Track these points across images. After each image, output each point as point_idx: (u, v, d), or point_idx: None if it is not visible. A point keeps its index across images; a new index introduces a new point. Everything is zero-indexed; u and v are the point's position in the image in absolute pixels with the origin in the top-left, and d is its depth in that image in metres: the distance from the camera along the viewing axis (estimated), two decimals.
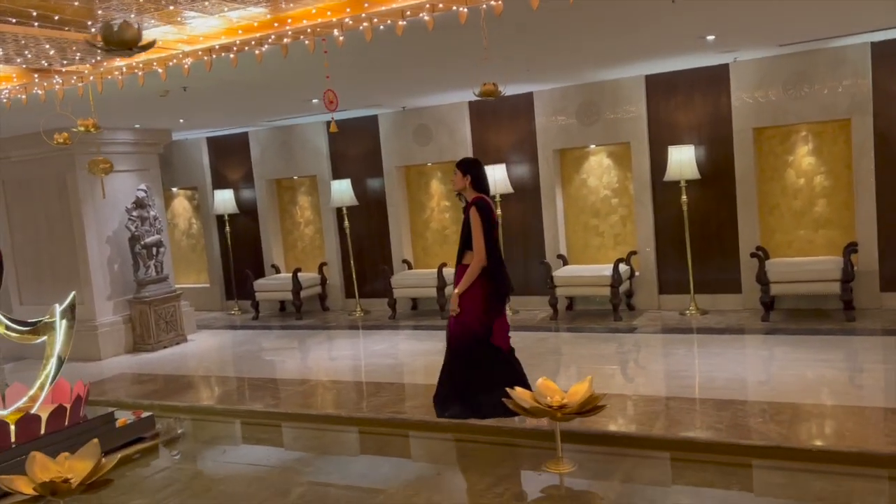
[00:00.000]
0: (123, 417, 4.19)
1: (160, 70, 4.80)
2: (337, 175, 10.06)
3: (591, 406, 3.29)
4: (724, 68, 7.77)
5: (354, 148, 10.04)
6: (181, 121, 8.32)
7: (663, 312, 8.14)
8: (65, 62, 4.55)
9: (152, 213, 8.67)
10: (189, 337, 9.02)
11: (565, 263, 8.67)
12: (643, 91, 8.16)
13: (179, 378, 7.16)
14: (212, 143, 11.13)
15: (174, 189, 11.59)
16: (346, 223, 9.72)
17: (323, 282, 10.33)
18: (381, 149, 9.73)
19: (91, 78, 4.68)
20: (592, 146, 8.62)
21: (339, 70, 6.10)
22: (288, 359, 7.92)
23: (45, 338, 3.81)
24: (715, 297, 8.09)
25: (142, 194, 8.55)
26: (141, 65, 4.50)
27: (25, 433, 3.79)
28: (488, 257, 4.67)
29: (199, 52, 4.53)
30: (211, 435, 4.23)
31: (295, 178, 10.67)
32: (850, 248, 7.17)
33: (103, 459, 2.99)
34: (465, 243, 4.80)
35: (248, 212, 10.93)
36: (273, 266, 10.71)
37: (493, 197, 8.53)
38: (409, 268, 9.71)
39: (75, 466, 2.96)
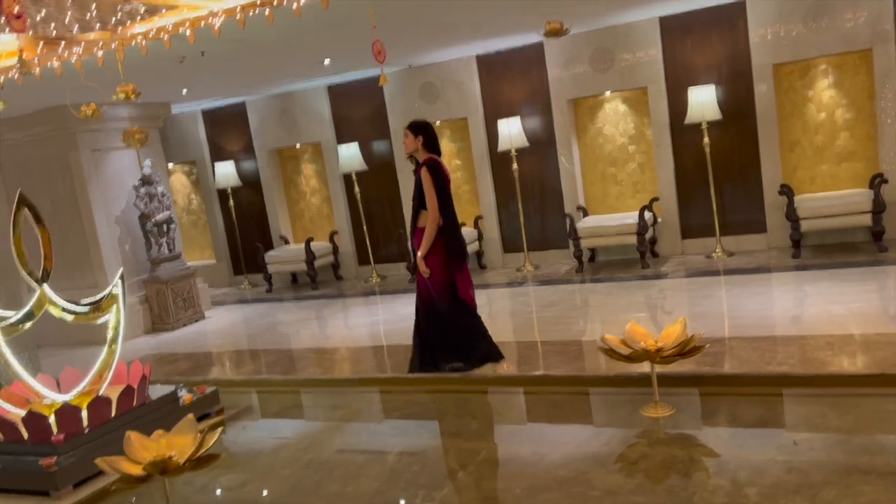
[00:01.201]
0: (188, 394, 4.05)
1: (188, 32, 4.55)
2: (342, 140, 9.81)
3: (689, 347, 3.21)
4: (740, 5, 7.60)
5: (359, 111, 9.79)
6: (184, 91, 8.00)
7: (688, 257, 8.08)
8: (85, 29, 4.29)
9: (160, 189, 8.40)
10: (206, 314, 8.84)
11: (585, 215, 8.57)
12: (658, 33, 7.98)
13: (211, 355, 7.01)
14: (207, 115, 10.79)
15: (171, 164, 11.26)
16: (357, 188, 9.51)
17: (335, 250, 10.15)
18: (387, 110, 9.49)
19: (113, 45, 4.42)
20: (608, 93, 8.45)
21: (345, 28, 5.87)
22: (317, 328, 7.78)
23: (107, 316, 3.64)
24: (739, 238, 8.04)
25: (148, 171, 8.27)
26: (170, 27, 4.24)
27: (97, 416, 3.64)
28: (442, 216, 4.71)
29: (230, 11, 4.29)
30: (279, 406, 4.10)
31: (297, 146, 10.40)
32: (879, 180, 7.12)
33: (202, 434, 2.86)
34: (420, 204, 4.81)
35: (250, 184, 10.66)
36: (282, 237, 10.49)
37: (509, 151, 8.43)
38: None
39: (175, 443, 2.83)
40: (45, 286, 3.80)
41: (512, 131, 8.35)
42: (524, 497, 2.66)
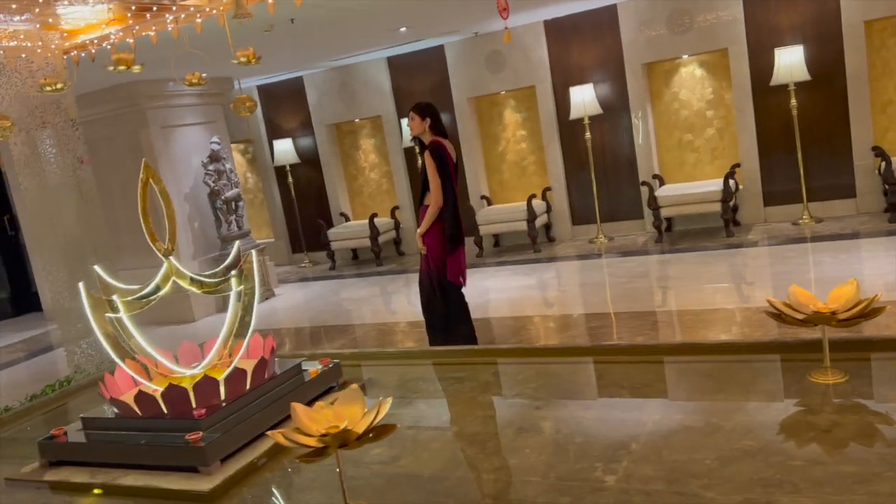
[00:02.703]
0: (313, 367, 3.93)
1: (270, 1, 4.38)
2: (402, 114, 9.63)
3: (869, 309, 3.00)
4: None
5: (420, 83, 9.58)
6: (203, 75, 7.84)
7: (772, 225, 7.81)
8: None
9: (227, 165, 8.31)
10: (276, 291, 8.78)
11: (661, 184, 8.32)
12: None
13: (297, 330, 6.94)
14: (263, 91, 10.66)
15: None
16: (420, 163, 9.32)
17: (397, 226, 10.01)
18: (450, 80, 9.28)
19: (214, 11, 4.27)
20: (685, 57, 8.15)
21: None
22: (393, 302, 7.67)
23: (241, 287, 3.53)
24: (824, 204, 7.74)
25: (216, 147, 8.18)
26: None
27: (234, 390, 3.53)
28: (444, 198, 4.87)
29: None
30: (399, 378, 3.98)
31: (356, 120, 10.24)
32: None
33: (378, 404, 2.72)
34: (426, 185, 4.95)
35: (308, 161, 10.54)
36: (342, 214, 10.37)
37: (582, 119, 8.19)
38: (489, 203, 9.37)
39: (343, 413, 2.69)
40: (172, 258, 3.68)
41: (585, 98, 8.11)
42: (718, 468, 2.49)
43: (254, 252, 3.61)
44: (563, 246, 8.69)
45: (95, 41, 4.67)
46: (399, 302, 7.66)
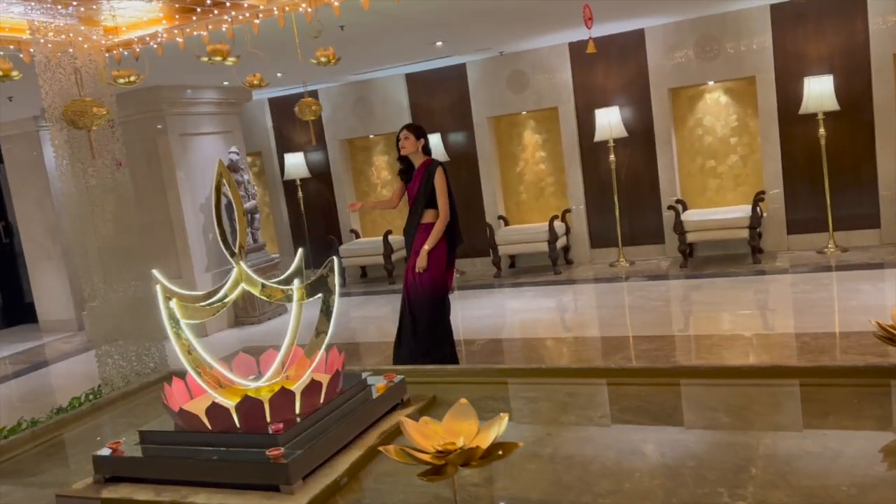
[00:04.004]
0: (378, 383, 3.74)
1: (336, 3, 4.26)
2: None
3: None
4: None
5: (439, 100, 9.49)
6: (279, 75, 7.70)
7: (796, 253, 7.78)
8: None
9: (245, 177, 8.12)
10: (288, 306, 8.53)
11: (684, 208, 8.27)
12: (768, 21, 7.69)
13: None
14: (274, 103, 10.51)
15: None
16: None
17: None
18: (471, 99, 9.20)
19: (275, 11, 4.12)
20: (711, 83, 8.16)
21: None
22: None
23: (320, 295, 3.34)
24: (848, 233, 7.74)
25: (235, 157, 7.99)
26: None
27: (308, 404, 3.32)
28: (451, 216, 5.03)
29: None
30: (466, 397, 3.80)
31: (371, 136, 10.11)
32: None
33: (496, 419, 2.55)
34: (428, 203, 5.02)
35: (318, 175, 10.37)
36: (352, 231, 10.19)
37: (607, 142, 8.15)
38: (506, 224, 9.26)
39: (457, 429, 2.52)
40: (242, 263, 3.49)
41: (611, 121, 8.07)
42: (858, 495, 2.35)
43: (335, 259, 3.43)
44: (582, 269, 8.58)
45: (144, 38, 4.50)
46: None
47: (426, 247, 4.98)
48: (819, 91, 7.25)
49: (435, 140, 9.06)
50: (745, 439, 2.99)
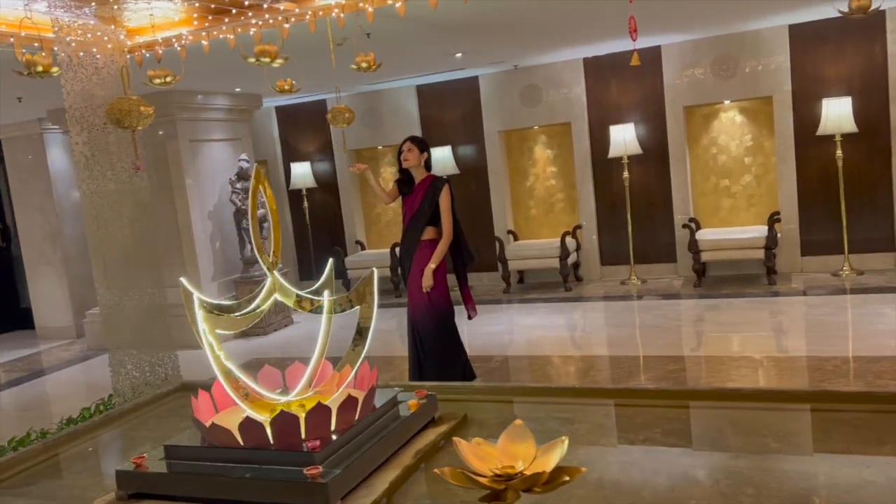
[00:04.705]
0: (411, 399, 3.60)
1: (370, 9, 4.17)
2: (430, 143, 9.40)
3: None
4: (878, 15, 7.31)
5: (449, 112, 9.42)
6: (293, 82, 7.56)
7: (810, 275, 7.72)
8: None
9: None
10: (294, 319, 8.40)
11: (698, 227, 8.21)
12: (786, 41, 7.68)
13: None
14: (281, 112, 10.41)
15: None
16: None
17: None
18: (482, 112, 9.13)
19: (308, 15, 4.02)
20: (726, 102, 8.13)
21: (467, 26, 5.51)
22: None
23: (357, 307, 3.22)
24: (862, 256, 7.69)
25: (245, 164, 7.86)
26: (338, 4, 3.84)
27: (343, 420, 3.18)
28: (455, 233, 4.95)
29: None
30: (498, 416, 3.68)
31: (379, 147, 10.02)
32: None
33: (559, 442, 2.42)
34: (430, 219, 4.92)
35: (324, 186, 10.26)
36: (357, 243, 10.07)
37: (621, 158, 8.09)
38: (515, 238, 9.17)
39: (512, 451, 2.39)
40: (276, 273, 3.36)
41: (626, 137, 8.01)
42: None
43: (374, 271, 3.31)
44: (593, 286, 8.49)
45: (168, 39, 4.40)
46: None
47: (431, 265, 4.89)
48: (838, 113, 7.22)
49: (445, 153, 8.99)
50: (800, 466, 2.88)
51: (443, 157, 8.95)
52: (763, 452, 3.08)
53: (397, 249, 9.30)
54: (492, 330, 7.04)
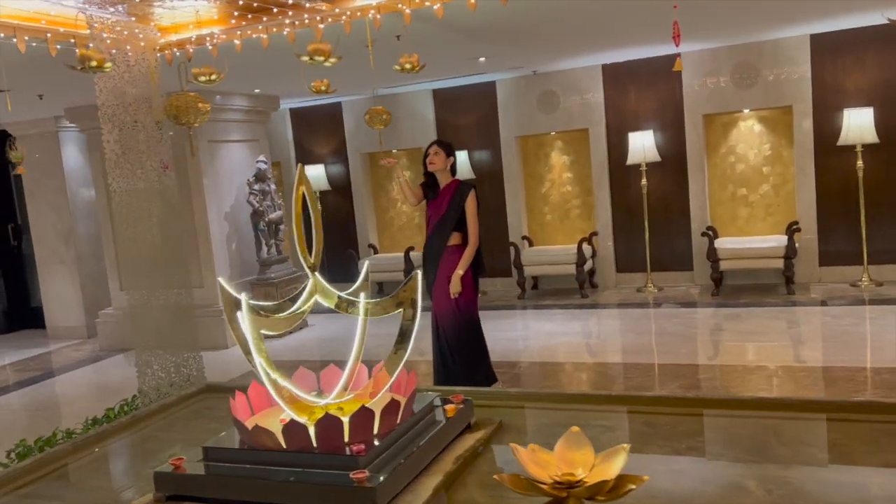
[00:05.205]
0: (450, 404, 3.56)
1: (407, 10, 4.15)
2: None
3: None
4: None
5: (466, 117, 9.40)
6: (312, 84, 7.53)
7: (829, 285, 7.69)
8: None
9: (272, 186, 7.96)
10: (308, 321, 8.35)
11: (715, 236, 8.18)
12: (808, 51, 7.66)
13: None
14: (295, 114, 10.38)
15: None
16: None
17: None
18: (499, 117, 9.11)
19: (344, 17, 3.99)
20: (746, 111, 8.11)
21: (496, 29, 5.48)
22: None
23: (399, 310, 3.18)
24: (881, 267, 7.66)
25: (263, 166, 7.83)
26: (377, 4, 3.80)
27: (385, 424, 3.14)
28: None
29: None
30: (535, 422, 3.63)
31: (394, 151, 9.99)
32: None
33: (619, 449, 2.39)
34: (456, 225, 4.89)
35: (338, 189, 10.23)
36: (370, 246, 10.04)
37: (639, 165, 8.07)
38: (530, 244, 9.14)
39: (572, 458, 2.35)
40: (317, 274, 3.32)
41: (645, 144, 7.99)
42: None
43: (418, 273, 3.28)
44: (608, 293, 8.46)
45: (202, 38, 4.37)
46: None
47: (459, 271, 4.85)
48: (859, 123, 7.20)
49: (461, 157, 8.96)
50: (853, 478, 2.83)
51: (458, 162, 8.88)
52: (812, 464, 3.03)
53: (411, 253, 9.30)
54: (509, 336, 7.01)
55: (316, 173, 9.89)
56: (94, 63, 3.17)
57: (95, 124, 7.89)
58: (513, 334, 7.07)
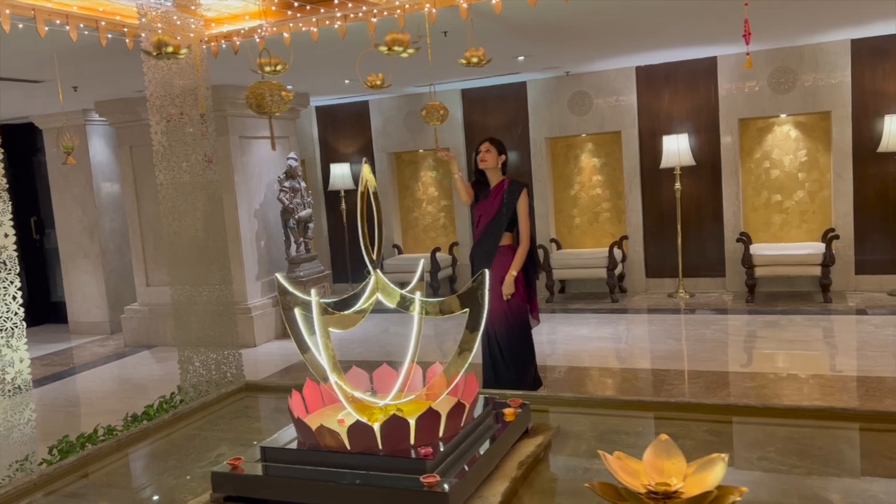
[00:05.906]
0: (508, 408, 3.46)
1: (464, 5, 4.06)
2: (473, 148, 9.31)
3: None
4: None
5: (495, 117, 9.32)
6: (347, 82, 7.51)
7: (866, 294, 7.56)
8: None
9: (302, 184, 7.89)
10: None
11: (749, 242, 8.05)
12: (848, 56, 7.55)
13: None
14: (322, 112, 10.32)
15: None
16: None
17: (454, 262, 9.62)
18: (529, 118, 9.02)
19: (399, 12, 3.91)
20: (783, 116, 7.99)
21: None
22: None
23: (466, 310, 3.09)
24: None
25: (294, 163, 7.77)
26: None
27: (450, 427, 3.05)
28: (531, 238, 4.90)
29: None
30: (593, 428, 3.54)
31: (420, 151, 9.92)
32: None
33: (712, 459, 2.29)
34: (509, 225, 4.80)
35: None
36: (395, 246, 9.96)
37: (673, 169, 7.96)
38: (558, 248, 9.04)
39: (663, 467, 2.26)
40: (379, 272, 3.24)
41: (679, 148, 7.88)
42: None
43: (486, 272, 3.19)
44: (639, 298, 8.35)
45: (252, 30, 4.30)
46: None
47: (513, 272, 4.75)
48: None
49: None
50: None
51: None
52: (881, 474, 2.93)
53: (438, 254, 9.21)
54: (542, 339, 6.91)
55: (341, 172, 9.83)
56: (170, 49, 3.10)
57: (126, 118, 7.87)
58: (544, 337, 6.97)
